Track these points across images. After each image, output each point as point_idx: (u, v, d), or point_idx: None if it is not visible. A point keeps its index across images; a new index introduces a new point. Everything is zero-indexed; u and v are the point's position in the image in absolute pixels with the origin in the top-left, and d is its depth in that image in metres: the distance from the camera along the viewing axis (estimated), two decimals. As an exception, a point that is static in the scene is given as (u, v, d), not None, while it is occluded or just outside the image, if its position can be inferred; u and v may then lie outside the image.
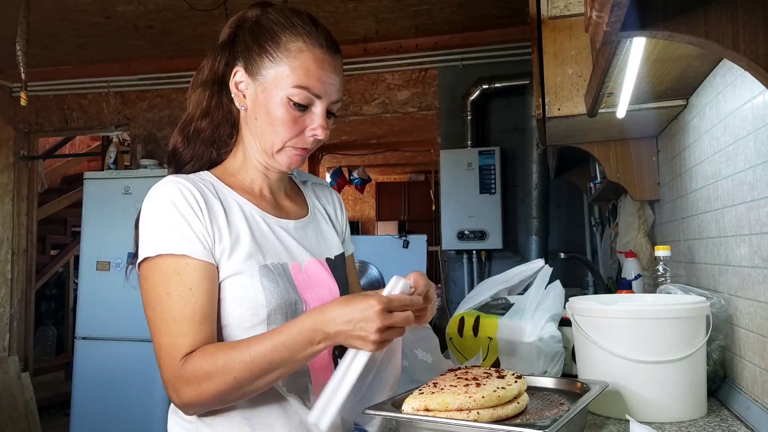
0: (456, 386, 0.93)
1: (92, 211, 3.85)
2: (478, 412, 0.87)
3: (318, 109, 1.02)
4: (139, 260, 0.97)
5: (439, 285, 4.06)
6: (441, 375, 1.04)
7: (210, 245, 0.97)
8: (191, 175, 1.05)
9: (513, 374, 1.02)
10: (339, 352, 1.13)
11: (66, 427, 3.81)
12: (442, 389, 0.92)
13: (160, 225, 0.96)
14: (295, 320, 0.90)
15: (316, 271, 1.08)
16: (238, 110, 1.08)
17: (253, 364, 0.88)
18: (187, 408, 0.93)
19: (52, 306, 6.33)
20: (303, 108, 1.02)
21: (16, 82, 4.57)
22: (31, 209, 4.69)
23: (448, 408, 0.88)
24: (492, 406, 0.88)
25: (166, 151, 1.14)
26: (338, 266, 1.14)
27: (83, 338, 3.77)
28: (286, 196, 1.15)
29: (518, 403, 0.93)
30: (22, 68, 2.74)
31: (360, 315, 0.86)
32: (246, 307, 0.98)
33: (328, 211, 1.23)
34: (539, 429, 0.82)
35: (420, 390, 0.95)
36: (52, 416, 4.81)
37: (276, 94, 1.01)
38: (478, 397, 0.88)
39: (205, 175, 1.07)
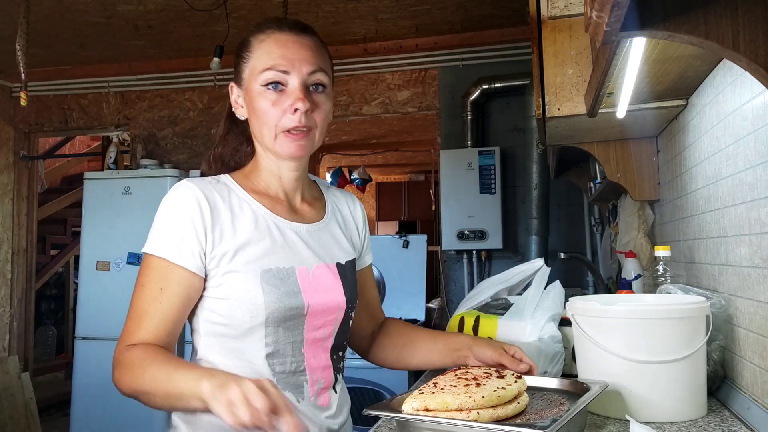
0: (456, 386, 0.93)
1: (92, 211, 3.85)
2: (478, 412, 0.87)
3: (292, 83, 1.06)
4: (142, 250, 1.06)
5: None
6: (441, 375, 1.04)
7: (201, 253, 1.02)
8: (209, 179, 1.10)
9: (513, 374, 1.02)
10: (336, 355, 1.13)
11: (66, 427, 3.81)
12: (442, 389, 0.92)
13: (158, 227, 1.04)
14: (203, 368, 0.95)
15: (324, 276, 1.10)
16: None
17: (166, 390, 0.92)
18: (117, 388, 0.99)
19: (52, 306, 6.33)
20: (278, 87, 1.06)
21: (16, 82, 4.57)
22: (31, 209, 4.69)
23: (448, 408, 0.87)
24: (492, 406, 0.88)
25: (166, 150, 1.21)
26: (348, 272, 1.16)
27: (83, 338, 3.77)
28: (303, 200, 1.18)
29: (518, 403, 0.93)
30: (22, 68, 2.74)
31: (223, 382, 0.83)
32: (245, 309, 1.02)
33: (347, 220, 1.25)
34: (539, 429, 0.82)
35: (420, 390, 0.95)
36: (52, 416, 4.81)
37: (253, 88, 1.07)
38: (478, 397, 0.88)
39: (224, 178, 1.13)
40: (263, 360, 1.04)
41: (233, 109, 1.15)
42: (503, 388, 0.92)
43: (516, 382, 0.96)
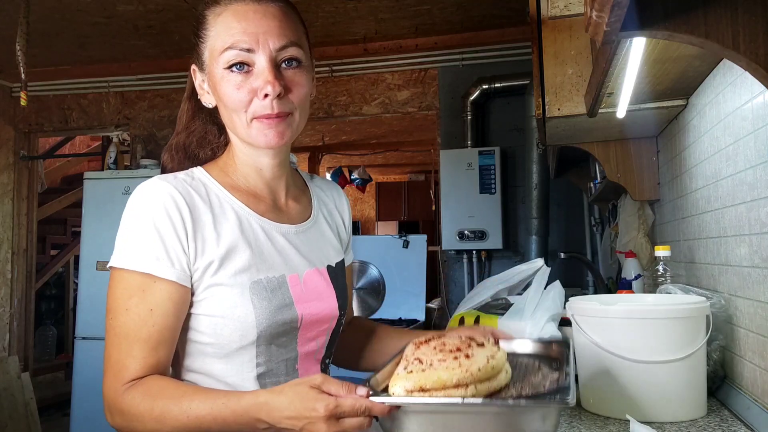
0: (445, 360, 0.83)
1: (92, 211, 3.85)
2: (475, 387, 0.79)
3: (259, 63, 0.92)
4: (109, 264, 0.92)
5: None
6: (416, 348, 0.91)
7: (186, 264, 0.90)
8: (181, 175, 0.97)
9: (489, 340, 0.92)
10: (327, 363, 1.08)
11: (66, 427, 3.81)
12: (431, 365, 0.82)
13: (134, 236, 0.90)
14: (242, 396, 0.82)
15: (315, 283, 1.02)
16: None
17: (186, 426, 0.83)
18: (116, 430, 0.90)
19: (52, 306, 6.33)
20: (243, 68, 0.92)
21: (16, 82, 4.57)
22: (31, 209, 4.69)
23: (446, 386, 0.78)
24: (487, 379, 0.81)
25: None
26: (338, 274, 1.08)
27: (83, 338, 3.77)
28: (288, 195, 1.06)
29: (506, 372, 0.85)
30: (22, 68, 2.74)
31: (305, 415, 0.76)
32: (234, 327, 0.91)
33: (333, 214, 1.15)
34: (561, 402, 0.75)
35: (406, 368, 0.83)
36: (52, 416, 4.81)
37: (216, 72, 0.93)
38: (474, 369, 0.79)
39: (199, 173, 0.99)
40: (253, 381, 0.94)
41: (198, 96, 1.01)
42: (493, 357, 0.83)
43: (499, 349, 0.87)
